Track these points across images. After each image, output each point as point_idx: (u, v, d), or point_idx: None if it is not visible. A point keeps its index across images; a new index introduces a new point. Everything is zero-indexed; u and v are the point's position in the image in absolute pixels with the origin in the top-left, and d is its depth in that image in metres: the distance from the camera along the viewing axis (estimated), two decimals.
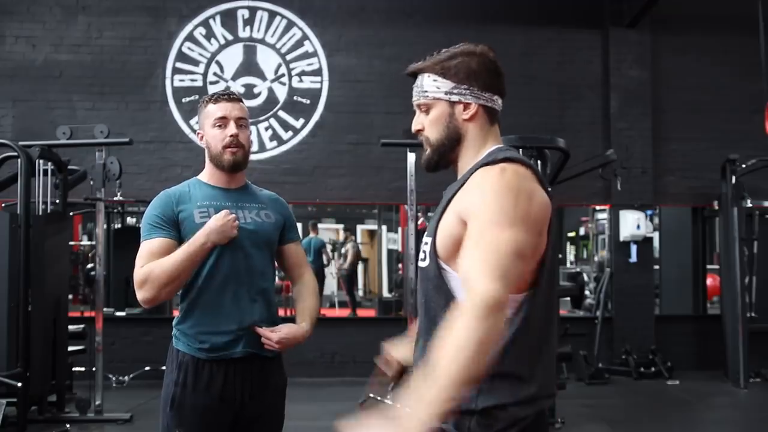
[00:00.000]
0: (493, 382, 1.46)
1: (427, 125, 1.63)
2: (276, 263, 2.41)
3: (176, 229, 2.20)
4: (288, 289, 10.49)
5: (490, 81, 1.60)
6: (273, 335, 2.20)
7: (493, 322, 1.35)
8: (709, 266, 9.02)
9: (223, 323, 2.19)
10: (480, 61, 1.60)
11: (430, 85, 1.61)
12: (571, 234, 11.75)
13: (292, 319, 2.36)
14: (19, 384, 4.96)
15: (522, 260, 1.43)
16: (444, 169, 1.67)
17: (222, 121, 2.25)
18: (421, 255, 1.59)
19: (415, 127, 1.67)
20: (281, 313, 2.45)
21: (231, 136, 2.24)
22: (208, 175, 2.32)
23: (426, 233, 1.60)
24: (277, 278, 2.53)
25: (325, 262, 10.70)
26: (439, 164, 1.64)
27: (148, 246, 2.18)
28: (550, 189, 1.56)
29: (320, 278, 10.64)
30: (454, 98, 1.59)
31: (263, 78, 8.20)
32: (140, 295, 2.16)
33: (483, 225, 1.43)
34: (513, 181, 1.47)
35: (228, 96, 2.28)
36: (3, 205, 6.68)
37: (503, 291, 1.37)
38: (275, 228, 2.33)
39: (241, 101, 2.31)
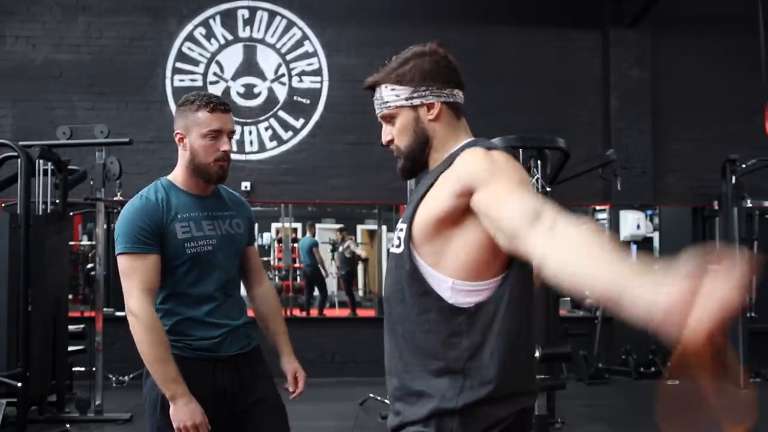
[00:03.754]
0: (471, 376, 1.46)
1: (396, 134, 1.64)
2: None
3: (161, 242, 2.17)
4: (288, 290, 10.49)
5: (446, 77, 1.60)
6: (300, 389, 2.40)
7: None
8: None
9: (205, 332, 2.22)
10: (432, 60, 1.60)
11: (389, 95, 1.62)
12: None
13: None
14: (19, 384, 4.96)
15: None
16: (421, 173, 1.66)
17: (216, 134, 2.21)
18: (395, 241, 1.58)
19: (384, 138, 1.67)
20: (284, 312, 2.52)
21: (224, 151, 2.22)
22: (182, 180, 2.29)
23: (401, 220, 1.59)
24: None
25: (317, 261, 10.68)
26: (413, 170, 1.65)
27: (141, 265, 2.13)
28: (549, 189, 1.56)
29: (317, 277, 10.64)
30: (416, 102, 1.59)
31: (263, 78, 8.20)
32: (129, 319, 2.14)
33: (505, 188, 1.38)
34: (504, 156, 1.48)
35: (224, 107, 2.23)
36: (3, 205, 6.68)
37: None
38: (243, 237, 2.38)
39: (231, 110, 2.29)
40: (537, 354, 4.26)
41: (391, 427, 1.59)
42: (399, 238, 1.56)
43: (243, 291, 2.46)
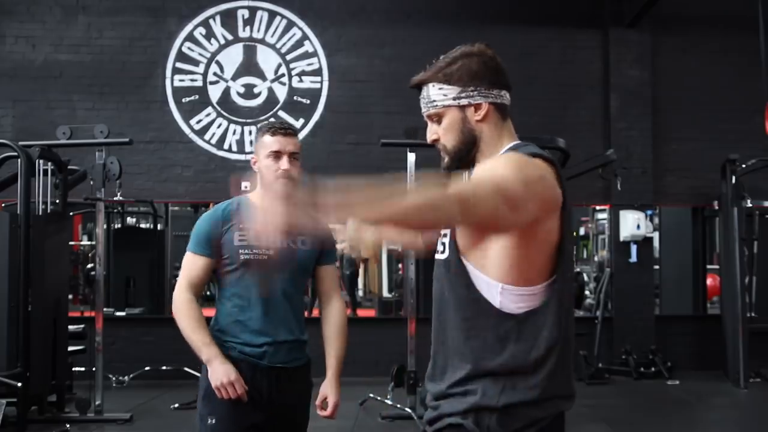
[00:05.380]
0: (515, 380, 1.48)
1: (442, 134, 1.63)
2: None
3: (217, 248, 2.40)
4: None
5: (494, 78, 1.61)
6: (329, 412, 2.51)
7: (447, 207, 1.33)
8: (709, 266, 9.02)
9: (250, 338, 2.38)
10: (480, 61, 1.60)
11: (437, 94, 1.61)
12: None
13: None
14: (19, 384, 4.96)
15: (509, 206, 1.38)
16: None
17: (276, 155, 2.40)
18: (440, 247, 1.59)
19: (430, 137, 1.66)
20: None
21: (284, 170, 2.40)
22: (256, 197, 2.49)
23: None
24: None
25: None
26: (459, 169, 1.65)
27: (192, 262, 2.42)
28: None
29: None
30: (464, 102, 1.60)
31: (263, 78, 8.20)
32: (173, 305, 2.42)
33: (483, 175, 1.48)
34: (523, 159, 1.49)
35: (284, 131, 2.43)
36: (3, 205, 6.68)
37: (471, 196, 1.36)
38: (310, 255, 2.50)
39: (296, 135, 2.48)
40: None
41: (427, 420, 1.60)
42: (443, 243, 1.57)
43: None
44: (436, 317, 1.62)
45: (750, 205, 7.60)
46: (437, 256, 1.61)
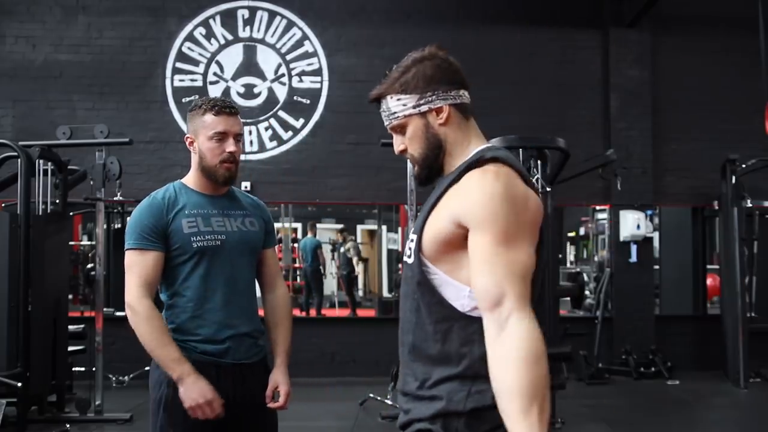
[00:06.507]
0: (481, 385, 1.47)
1: (408, 144, 1.63)
2: None
3: (165, 240, 2.21)
4: (288, 290, 10.47)
5: (450, 78, 1.60)
6: (282, 401, 2.30)
7: (538, 335, 1.39)
8: (709, 266, 9.02)
9: (212, 333, 2.22)
10: (434, 64, 1.59)
11: (396, 106, 1.61)
12: (571, 234, 11.74)
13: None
14: (19, 384, 4.96)
15: (530, 276, 1.45)
16: (438, 178, 1.67)
17: (222, 136, 2.23)
18: (407, 252, 1.59)
19: (397, 148, 1.66)
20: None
21: (230, 152, 2.24)
22: (194, 181, 2.32)
23: (412, 230, 1.59)
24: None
25: (320, 262, 10.69)
26: (430, 177, 1.64)
27: (142, 260, 2.19)
28: (549, 189, 1.56)
29: (317, 278, 10.64)
30: (424, 108, 1.59)
31: (263, 78, 8.20)
32: (127, 312, 2.21)
33: (492, 242, 1.43)
34: (510, 189, 1.46)
35: (229, 109, 2.25)
36: (3, 205, 6.69)
37: (530, 308, 1.42)
38: (260, 236, 2.37)
39: (239, 113, 2.30)
40: None
41: (399, 425, 1.61)
42: (410, 248, 1.57)
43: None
44: (402, 318, 1.62)
45: (750, 205, 7.60)
46: (405, 259, 1.61)
